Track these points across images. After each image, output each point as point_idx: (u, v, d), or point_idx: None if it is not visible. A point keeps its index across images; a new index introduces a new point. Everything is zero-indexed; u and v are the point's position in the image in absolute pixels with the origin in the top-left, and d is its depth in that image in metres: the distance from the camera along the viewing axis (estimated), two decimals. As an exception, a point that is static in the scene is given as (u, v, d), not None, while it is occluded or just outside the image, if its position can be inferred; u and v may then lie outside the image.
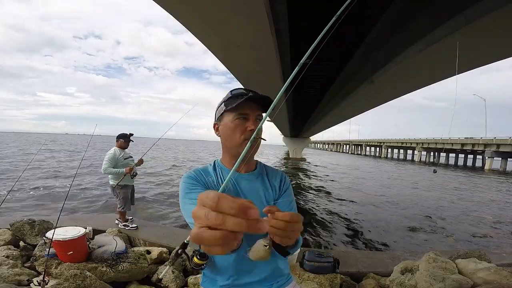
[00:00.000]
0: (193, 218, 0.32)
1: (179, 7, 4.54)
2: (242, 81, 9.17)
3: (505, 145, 30.96)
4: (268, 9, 4.15)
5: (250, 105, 0.79)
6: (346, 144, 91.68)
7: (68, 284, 1.88)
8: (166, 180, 11.50)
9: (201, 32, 5.46)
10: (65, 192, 7.24)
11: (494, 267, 2.27)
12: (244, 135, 0.81)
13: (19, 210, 5.92)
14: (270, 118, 0.77)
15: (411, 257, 2.90)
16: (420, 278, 2.19)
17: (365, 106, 14.16)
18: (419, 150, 46.59)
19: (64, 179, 10.20)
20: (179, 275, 2.47)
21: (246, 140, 0.80)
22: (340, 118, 20.74)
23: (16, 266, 2.29)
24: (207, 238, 0.30)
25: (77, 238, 2.33)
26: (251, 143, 0.59)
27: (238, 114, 0.81)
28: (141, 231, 3.54)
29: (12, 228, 2.97)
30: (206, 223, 0.30)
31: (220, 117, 0.86)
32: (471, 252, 2.71)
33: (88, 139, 14.98)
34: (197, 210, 0.32)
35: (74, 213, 5.63)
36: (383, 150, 61.11)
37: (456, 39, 4.79)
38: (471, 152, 41.79)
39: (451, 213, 7.86)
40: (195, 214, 0.32)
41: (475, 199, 10.81)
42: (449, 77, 7.92)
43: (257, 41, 5.41)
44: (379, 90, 9.41)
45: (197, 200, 0.32)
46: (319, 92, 13.05)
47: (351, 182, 14.39)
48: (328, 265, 2.44)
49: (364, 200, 9.31)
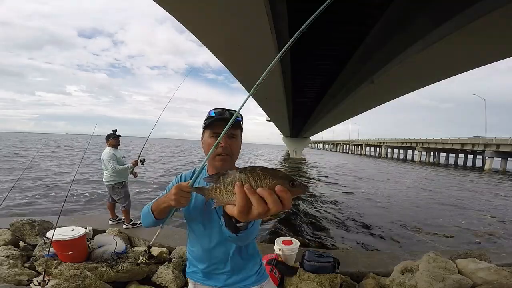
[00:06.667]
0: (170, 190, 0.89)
1: (179, 7, 4.54)
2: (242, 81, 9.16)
3: (505, 145, 30.94)
4: (268, 9, 4.15)
5: (222, 124, 0.89)
6: (346, 144, 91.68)
7: (68, 284, 1.88)
8: (165, 180, 11.50)
9: (201, 32, 5.46)
10: (65, 192, 7.24)
11: (494, 267, 2.27)
12: (216, 151, 0.95)
13: (19, 210, 5.92)
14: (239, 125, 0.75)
15: (411, 257, 2.90)
16: (420, 278, 2.19)
17: (365, 106, 14.14)
18: (419, 150, 46.57)
19: (64, 179, 10.20)
20: (179, 275, 2.47)
21: (218, 156, 0.97)
22: (340, 118, 20.72)
23: (16, 266, 2.29)
24: (169, 196, 0.87)
25: (77, 238, 2.33)
26: (214, 148, 0.86)
27: (212, 132, 0.99)
28: (141, 231, 3.55)
29: (12, 228, 2.97)
30: (170, 192, 0.87)
31: (203, 133, 1.05)
32: (471, 252, 2.71)
33: (88, 139, 15.36)
34: (171, 188, 0.87)
35: (74, 213, 5.63)
36: (383, 150, 61.09)
37: (456, 39, 4.79)
38: (471, 152, 41.79)
39: (451, 213, 7.86)
40: (171, 190, 0.87)
41: (475, 199, 10.81)
42: (449, 77, 7.92)
43: (258, 41, 5.41)
44: (379, 90, 9.39)
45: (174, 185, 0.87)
46: (319, 92, 13.03)
47: (351, 182, 14.39)
48: (328, 265, 2.44)
49: (364, 200, 9.31)
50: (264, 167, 0.52)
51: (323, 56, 8.12)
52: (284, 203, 0.47)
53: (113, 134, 3.76)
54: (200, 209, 1.02)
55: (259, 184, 0.49)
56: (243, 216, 0.51)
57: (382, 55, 6.64)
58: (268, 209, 0.47)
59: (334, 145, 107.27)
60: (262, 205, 0.47)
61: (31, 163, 12.62)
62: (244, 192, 0.49)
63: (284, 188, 0.47)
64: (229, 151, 0.98)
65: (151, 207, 0.99)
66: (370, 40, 6.70)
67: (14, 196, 6.80)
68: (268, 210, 0.47)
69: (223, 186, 0.55)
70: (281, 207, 0.47)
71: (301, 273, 2.42)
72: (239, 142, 1.04)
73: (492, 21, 3.94)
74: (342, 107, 12.80)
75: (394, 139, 55.89)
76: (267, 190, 0.48)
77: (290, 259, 2.66)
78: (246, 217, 0.51)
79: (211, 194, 0.59)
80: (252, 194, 0.48)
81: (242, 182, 0.50)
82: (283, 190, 0.47)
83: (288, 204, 0.48)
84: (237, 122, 0.98)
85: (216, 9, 4.40)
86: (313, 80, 10.94)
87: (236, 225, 0.67)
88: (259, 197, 0.48)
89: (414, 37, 5.29)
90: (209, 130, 1.00)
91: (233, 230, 0.69)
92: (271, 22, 4.52)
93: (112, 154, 3.63)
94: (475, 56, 5.90)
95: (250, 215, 0.50)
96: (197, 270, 1.09)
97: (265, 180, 0.49)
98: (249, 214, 0.50)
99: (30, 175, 10.21)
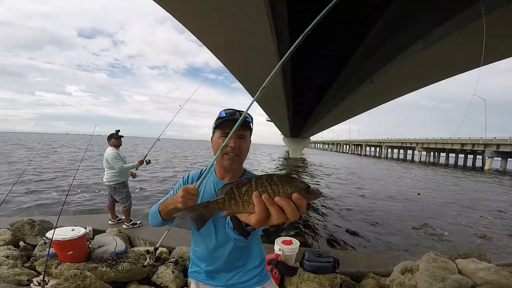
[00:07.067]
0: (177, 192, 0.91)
1: (179, 7, 4.54)
2: (242, 81, 9.17)
3: (505, 145, 30.92)
4: (268, 9, 4.15)
5: (232, 125, 0.91)
6: (346, 144, 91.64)
7: (68, 284, 1.88)
8: (166, 180, 11.50)
9: (201, 32, 5.46)
10: (65, 192, 7.24)
11: (494, 267, 2.27)
12: (225, 150, 0.97)
13: (19, 210, 5.92)
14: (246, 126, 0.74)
15: (411, 257, 2.90)
16: (420, 278, 2.19)
17: (365, 106, 14.15)
18: (419, 150, 46.54)
19: (64, 179, 10.20)
20: (179, 275, 2.47)
21: (226, 155, 0.98)
22: (340, 118, 20.74)
23: (16, 266, 2.29)
24: (176, 198, 0.89)
25: (77, 238, 2.33)
26: (223, 148, 0.92)
27: (223, 132, 1.00)
28: (141, 231, 3.55)
29: (12, 228, 2.97)
30: (177, 195, 0.89)
31: (212, 133, 1.06)
32: (471, 252, 2.71)
33: (88, 139, 15.52)
34: (178, 190, 0.90)
35: (74, 213, 5.63)
36: (383, 150, 61.05)
37: (456, 39, 4.79)
38: (471, 152, 41.76)
39: (451, 213, 7.86)
40: (178, 192, 0.89)
41: (475, 199, 10.80)
42: (449, 77, 7.93)
43: (258, 41, 5.41)
44: (379, 90, 9.40)
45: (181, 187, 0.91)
46: (319, 92, 13.04)
47: (351, 182, 14.38)
48: (328, 265, 2.44)
49: (364, 200, 9.30)
50: (280, 174, 0.51)
51: (323, 56, 8.13)
52: (300, 210, 0.48)
53: (116, 134, 3.80)
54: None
55: (276, 192, 0.49)
56: (261, 225, 0.51)
57: (382, 55, 6.64)
58: (287, 218, 0.48)
59: (334, 145, 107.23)
60: (281, 215, 0.48)
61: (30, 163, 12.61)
62: (263, 202, 0.48)
63: (301, 195, 0.48)
64: (238, 152, 0.99)
65: (158, 208, 1.01)
66: (370, 40, 6.70)
67: (14, 196, 6.79)
68: (287, 219, 0.48)
69: (238, 196, 0.52)
70: (298, 214, 0.48)
71: (301, 273, 2.42)
72: (248, 143, 1.05)
73: (492, 21, 3.94)
74: (342, 107, 12.82)
75: (394, 139, 55.86)
76: (286, 200, 0.47)
77: (290, 259, 2.66)
78: (264, 225, 0.51)
79: (222, 208, 0.55)
80: (271, 204, 0.48)
81: (259, 192, 0.49)
82: (300, 198, 0.48)
83: (303, 210, 0.49)
84: (247, 123, 0.99)
85: (216, 9, 4.40)
86: (313, 80, 10.95)
87: (246, 229, 0.66)
88: (278, 207, 0.48)
89: (414, 37, 5.29)
90: (219, 130, 1.01)
91: (242, 234, 0.69)
92: (271, 22, 4.53)
93: (117, 153, 3.67)
94: (475, 56, 5.90)
95: (267, 223, 0.50)
96: (200, 270, 1.10)
97: (283, 188, 0.49)
98: (267, 222, 0.50)
99: (30, 175, 10.21)
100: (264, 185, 0.50)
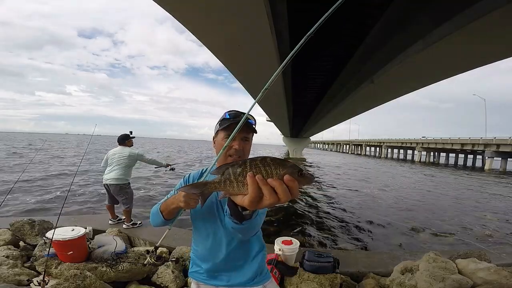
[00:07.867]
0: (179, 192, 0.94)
1: (179, 7, 4.54)
2: (242, 81, 9.16)
3: (505, 145, 30.92)
4: (268, 9, 4.15)
5: (236, 127, 0.91)
6: (346, 144, 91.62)
7: (68, 284, 1.88)
8: (165, 180, 11.49)
9: (201, 32, 5.45)
10: (65, 192, 7.24)
11: (494, 267, 2.27)
12: (228, 152, 0.98)
13: (19, 210, 5.91)
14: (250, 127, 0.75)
15: (411, 257, 2.89)
16: (420, 278, 2.19)
17: (365, 106, 14.12)
18: (419, 150, 46.53)
19: (64, 179, 10.20)
20: (179, 275, 2.47)
21: (230, 157, 0.98)
22: (340, 118, 20.70)
23: (16, 266, 2.29)
24: (178, 197, 0.91)
25: (77, 238, 2.33)
26: (223, 150, 0.93)
27: (227, 134, 0.98)
28: (141, 231, 3.55)
29: (12, 228, 2.97)
30: (179, 194, 0.91)
31: (216, 134, 1.06)
32: (471, 252, 2.71)
33: (88, 139, 14.85)
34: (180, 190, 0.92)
35: (74, 213, 5.62)
36: (383, 150, 61.05)
37: (456, 39, 4.78)
38: (471, 152, 41.75)
39: (451, 213, 7.86)
40: (179, 192, 0.92)
41: (475, 199, 10.80)
42: (449, 77, 7.91)
43: (258, 41, 5.41)
44: (379, 90, 9.38)
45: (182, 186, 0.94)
46: (319, 92, 13.03)
47: (351, 182, 14.38)
48: (328, 265, 2.44)
49: (364, 200, 9.30)
50: (273, 157, 0.53)
51: (324, 56, 8.13)
52: (292, 192, 0.50)
53: (131, 135, 4.04)
54: (206, 208, 1.03)
55: (269, 173, 0.51)
56: (253, 205, 0.53)
57: (382, 55, 6.64)
58: (278, 199, 0.50)
59: (334, 145, 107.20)
60: (273, 196, 0.49)
61: (30, 163, 12.61)
62: (256, 182, 0.50)
63: (292, 177, 0.49)
64: (241, 153, 1.00)
65: (160, 208, 1.01)
66: (370, 40, 6.70)
67: (14, 196, 6.79)
68: (279, 200, 0.50)
69: (233, 177, 0.55)
70: (290, 196, 0.50)
71: (301, 273, 2.42)
72: (251, 145, 1.07)
73: (492, 21, 3.94)
74: (342, 107, 12.79)
75: (394, 139, 55.85)
76: (278, 180, 0.49)
77: (290, 259, 2.65)
78: (256, 206, 0.53)
79: (218, 187, 0.58)
80: (264, 185, 0.50)
81: (253, 173, 0.51)
82: (292, 180, 0.49)
83: (296, 193, 0.50)
84: (251, 126, 1.01)
85: (216, 9, 4.39)
86: (313, 80, 10.94)
87: (242, 214, 0.68)
88: (271, 188, 0.50)
89: (414, 37, 5.28)
90: (223, 131, 1.01)
91: (238, 219, 0.70)
92: (271, 22, 4.52)
93: (140, 151, 3.98)
94: (475, 56, 5.90)
95: (260, 204, 0.52)
96: (201, 269, 1.10)
97: (275, 169, 0.51)
98: (259, 203, 0.52)
99: (31, 175, 10.20)
100: (258, 166, 0.52)
